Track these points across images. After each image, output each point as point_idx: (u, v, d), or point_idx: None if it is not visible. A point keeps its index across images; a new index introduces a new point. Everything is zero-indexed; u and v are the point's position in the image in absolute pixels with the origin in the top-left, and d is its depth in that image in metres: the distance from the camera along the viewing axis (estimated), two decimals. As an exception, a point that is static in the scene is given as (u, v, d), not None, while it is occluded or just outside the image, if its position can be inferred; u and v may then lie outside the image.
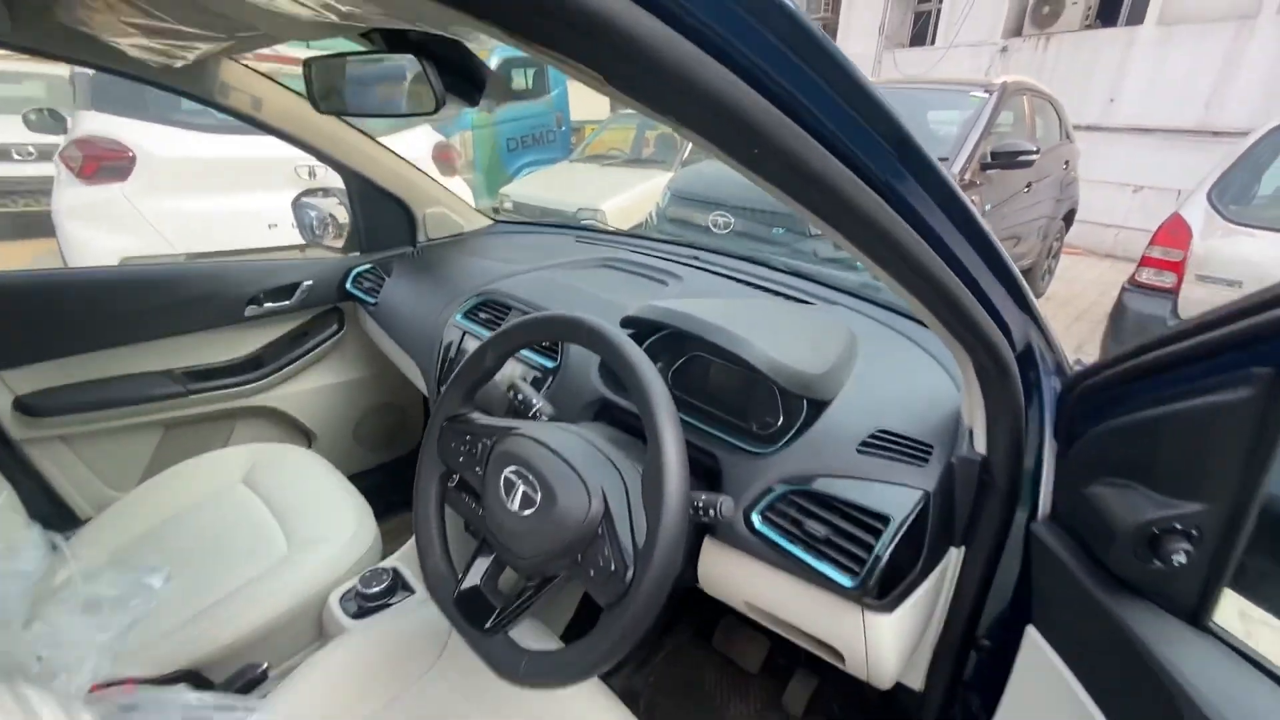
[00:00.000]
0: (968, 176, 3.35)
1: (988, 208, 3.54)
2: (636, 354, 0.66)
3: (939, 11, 9.51)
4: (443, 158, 3.75)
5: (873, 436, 0.77)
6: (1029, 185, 3.96)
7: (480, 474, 0.75)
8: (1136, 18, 7.15)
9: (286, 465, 1.36)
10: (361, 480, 1.78)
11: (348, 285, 1.59)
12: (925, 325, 0.64)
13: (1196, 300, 2.71)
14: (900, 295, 0.57)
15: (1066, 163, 4.76)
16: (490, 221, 1.77)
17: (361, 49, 0.81)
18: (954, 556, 0.76)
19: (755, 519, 0.76)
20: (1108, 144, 6.88)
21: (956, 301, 0.55)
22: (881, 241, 0.47)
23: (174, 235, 2.88)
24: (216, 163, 3.06)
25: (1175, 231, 2.77)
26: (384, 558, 1.24)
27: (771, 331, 0.85)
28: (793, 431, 0.82)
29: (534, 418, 0.87)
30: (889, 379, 0.87)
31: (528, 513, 0.67)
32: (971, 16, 8.55)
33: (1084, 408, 0.59)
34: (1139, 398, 0.51)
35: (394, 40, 0.78)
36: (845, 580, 0.69)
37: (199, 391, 1.47)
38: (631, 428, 0.87)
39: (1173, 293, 2.77)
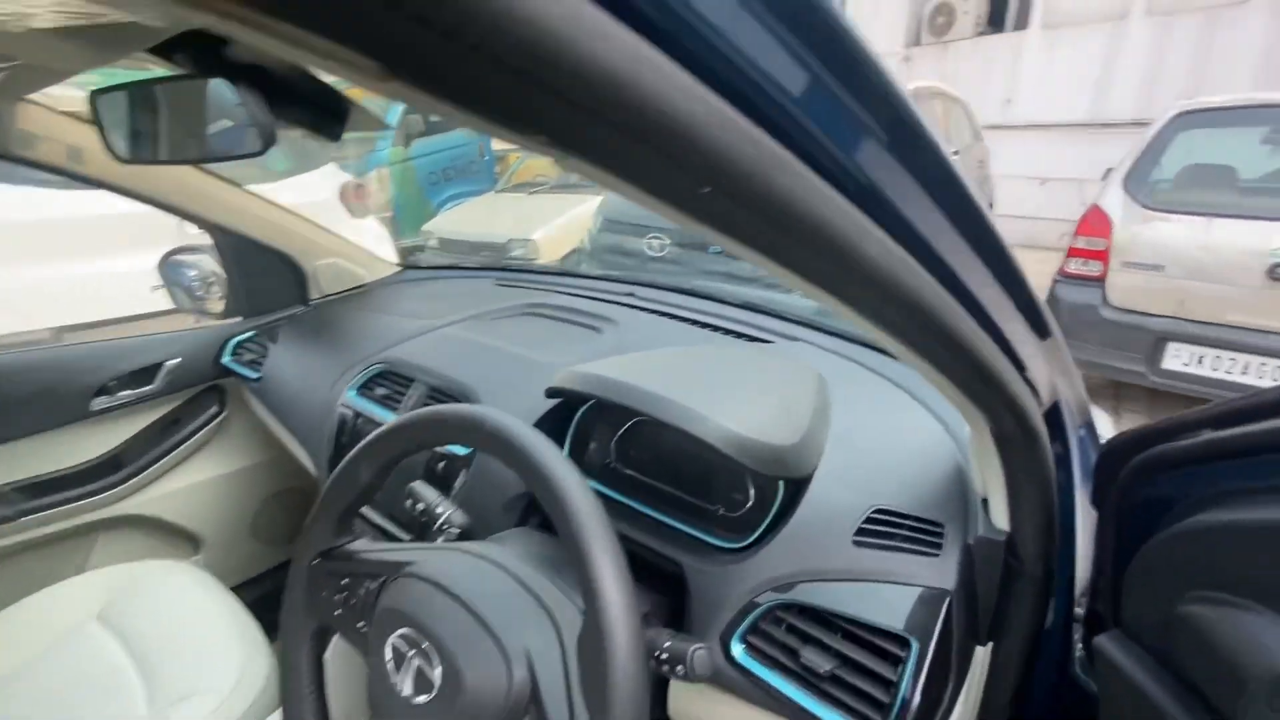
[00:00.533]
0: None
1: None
2: (556, 465, 0.49)
3: (843, 25, 9.89)
4: (354, 198, 3.48)
5: (870, 521, 0.62)
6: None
7: (364, 631, 0.56)
8: (1022, 23, 7.63)
9: (158, 589, 1.10)
10: (263, 584, 1.52)
11: (225, 358, 1.34)
12: (931, 383, 0.49)
13: (1124, 286, 2.77)
14: (905, 359, 0.42)
15: (980, 162, 4.93)
16: (397, 268, 1.56)
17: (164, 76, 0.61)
18: (980, 657, 0.61)
19: (736, 649, 0.59)
20: (1011, 141, 7.25)
21: (981, 360, 0.40)
22: (894, 301, 0.31)
23: (33, 309, 2.50)
24: (85, 221, 2.70)
25: (1096, 222, 2.83)
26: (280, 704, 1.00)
27: (728, 392, 0.69)
28: (770, 518, 0.66)
29: (441, 531, 0.68)
30: (873, 437, 0.73)
31: (424, 699, 0.48)
32: (872, 29, 8.93)
33: (1150, 488, 0.46)
34: (1250, 485, 0.37)
35: (206, 62, 0.59)
36: None
37: (37, 510, 1.19)
38: None
39: (1100, 281, 2.82)
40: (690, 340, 1.01)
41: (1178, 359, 2.65)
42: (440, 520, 0.67)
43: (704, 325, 1.06)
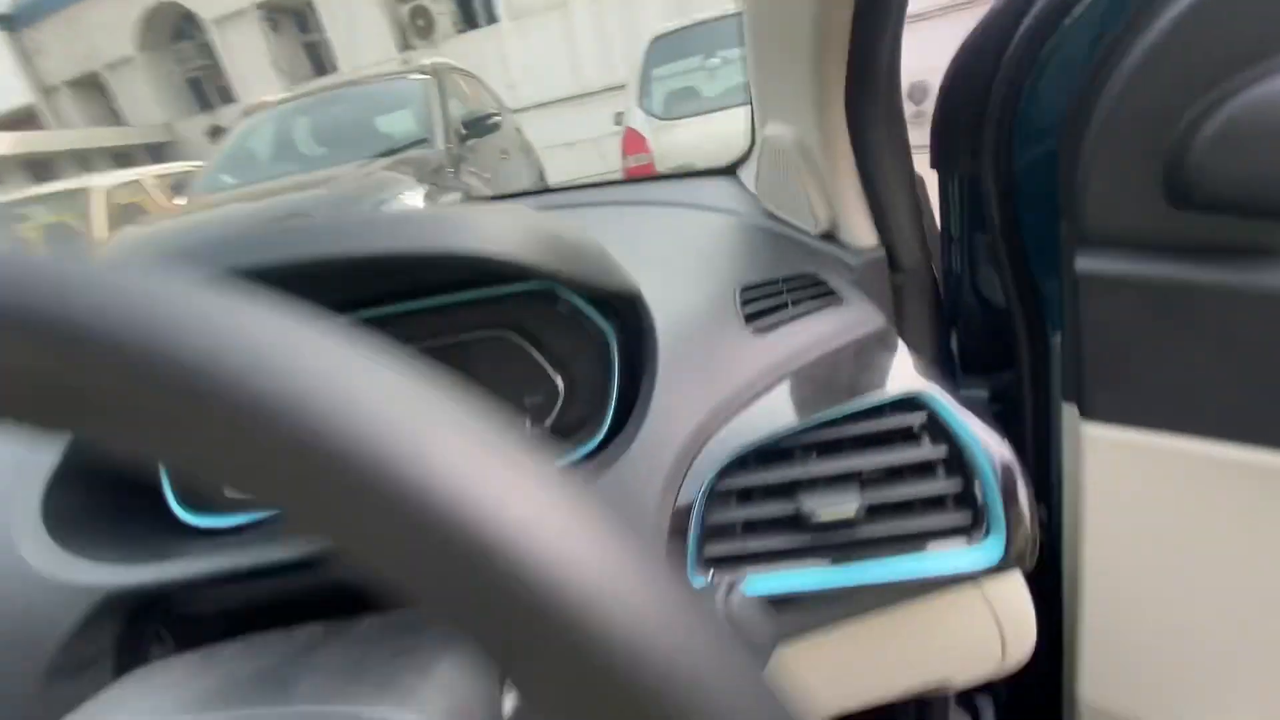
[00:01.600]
0: (453, 149, 3.26)
1: (486, 175, 3.57)
2: None
3: (327, 41, 9.41)
4: None
5: (745, 301, 0.44)
6: (504, 152, 4.16)
7: None
8: (492, 17, 8.42)
9: None
10: None
11: None
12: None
13: (672, 188, 3.30)
14: None
15: (518, 129, 5.25)
16: None
17: None
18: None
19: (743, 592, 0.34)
20: (528, 120, 8.06)
21: None
22: None
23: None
24: None
25: (634, 141, 3.27)
26: None
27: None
28: (615, 369, 0.41)
29: None
30: (680, 250, 0.55)
31: None
32: (364, 41, 8.76)
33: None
34: None
35: None
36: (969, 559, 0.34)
37: None
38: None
39: (656, 188, 3.31)
40: None
41: (729, 229, 3.32)
42: None
43: None
